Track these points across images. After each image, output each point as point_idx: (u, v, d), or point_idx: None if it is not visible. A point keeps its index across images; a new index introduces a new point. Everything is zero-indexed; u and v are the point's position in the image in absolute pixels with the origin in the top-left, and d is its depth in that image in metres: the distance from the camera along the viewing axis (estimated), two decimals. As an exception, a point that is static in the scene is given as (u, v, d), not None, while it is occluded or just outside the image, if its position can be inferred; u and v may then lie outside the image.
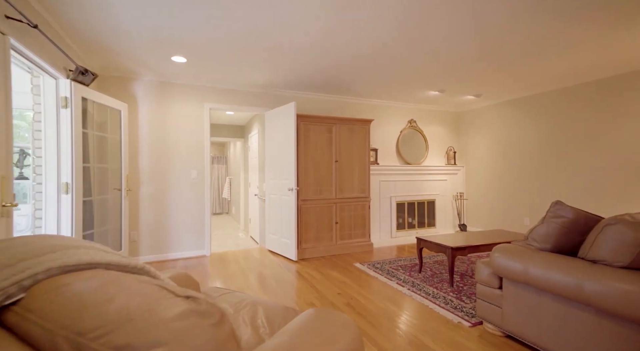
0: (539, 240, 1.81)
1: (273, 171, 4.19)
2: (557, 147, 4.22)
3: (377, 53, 3.05)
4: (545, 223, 1.79)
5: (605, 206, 3.73)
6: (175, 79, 3.76)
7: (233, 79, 3.86)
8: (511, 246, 1.92)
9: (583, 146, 3.94)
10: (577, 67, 3.52)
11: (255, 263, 3.69)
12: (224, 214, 8.95)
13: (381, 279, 3.09)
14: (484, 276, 2.09)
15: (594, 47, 2.93)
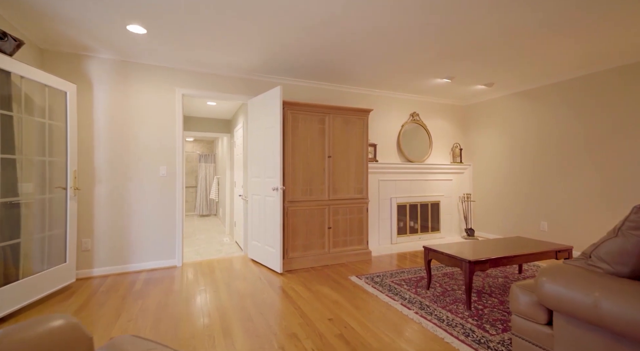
0: (610, 260, 1.27)
1: (256, 168, 3.63)
2: (581, 141, 3.71)
3: (378, 30, 2.51)
4: (622, 237, 1.25)
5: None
6: (140, 58, 3.19)
7: (210, 61, 3.30)
8: (566, 267, 1.38)
9: (612, 139, 3.43)
10: (610, 47, 3.00)
11: (233, 275, 3.13)
12: (211, 216, 8.37)
13: (382, 299, 2.54)
14: (522, 306, 1.54)
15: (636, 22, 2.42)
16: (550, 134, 4.04)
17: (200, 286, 2.81)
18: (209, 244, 4.80)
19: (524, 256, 2.52)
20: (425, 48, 3.01)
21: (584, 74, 3.68)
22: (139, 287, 2.74)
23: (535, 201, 4.22)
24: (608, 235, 1.31)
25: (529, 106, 4.30)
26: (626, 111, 3.34)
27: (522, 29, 2.62)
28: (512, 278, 3.02)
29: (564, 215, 3.89)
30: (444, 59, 3.29)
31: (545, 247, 2.69)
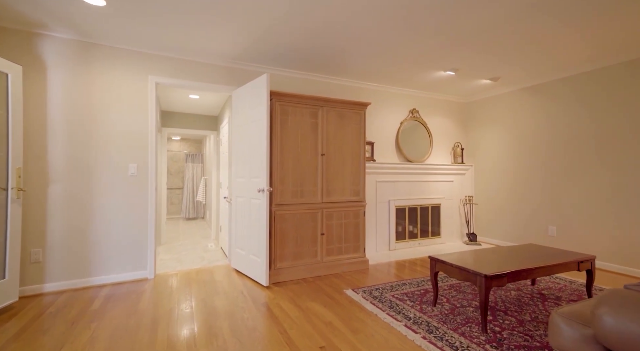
0: (701, 288, 0.93)
1: (241, 167, 3.25)
2: (593, 140, 3.43)
3: (378, 9, 2.17)
4: None
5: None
6: (105, 39, 2.79)
7: (188, 45, 2.92)
8: (635, 295, 1.04)
9: (627, 138, 3.15)
10: (623, 39, 2.72)
11: (212, 290, 2.74)
12: (198, 219, 7.93)
13: (383, 319, 2.18)
14: (568, 341, 1.20)
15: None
16: (560, 133, 3.76)
17: (172, 304, 2.41)
18: (192, 250, 4.39)
19: (545, 269, 2.19)
20: (430, 32, 2.68)
21: (596, 68, 3.40)
22: (97, 306, 2.33)
23: (543, 204, 3.93)
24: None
25: (537, 102, 4.01)
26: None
27: (528, 12, 2.31)
28: (525, 291, 2.70)
29: (574, 220, 3.60)
30: (448, 46, 2.97)
31: (566, 257, 2.37)
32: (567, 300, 2.51)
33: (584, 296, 2.60)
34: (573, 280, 2.99)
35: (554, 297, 2.56)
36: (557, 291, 2.70)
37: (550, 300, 2.50)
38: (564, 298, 2.54)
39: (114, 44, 2.86)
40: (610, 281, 2.97)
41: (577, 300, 2.50)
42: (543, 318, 2.19)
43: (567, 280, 2.99)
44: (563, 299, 2.53)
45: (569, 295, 2.61)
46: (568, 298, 2.55)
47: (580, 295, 2.61)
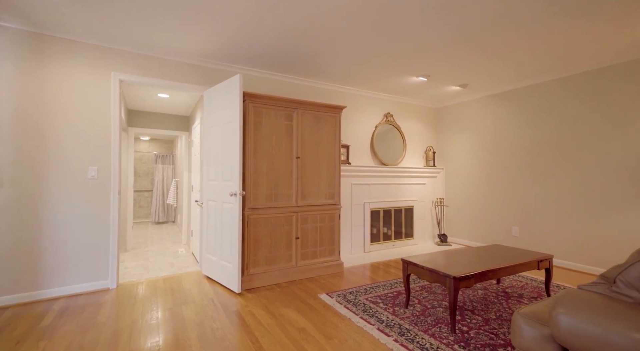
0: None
1: (212, 170, 3.14)
2: (555, 146, 3.67)
3: (353, 12, 2.18)
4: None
5: (612, 217, 3.19)
6: (60, 31, 2.59)
7: (155, 42, 2.78)
8: (588, 296, 1.11)
9: (586, 145, 3.40)
10: (580, 50, 2.94)
11: (180, 298, 2.61)
12: (169, 223, 7.59)
13: (356, 323, 2.18)
14: (526, 341, 1.26)
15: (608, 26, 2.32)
16: (523, 139, 3.99)
17: (135, 316, 2.27)
18: (160, 256, 4.18)
19: (508, 268, 2.30)
20: (401, 38, 2.74)
21: (556, 77, 3.65)
22: (48, 322, 2.14)
23: (507, 206, 4.15)
24: (639, 255, 1.06)
25: (503, 109, 4.24)
26: (597, 115, 3.32)
27: (493, 24, 2.43)
28: (491, 290, 2.82)
29: (535, 221, 3.83)
30: (419, 53, 3.06)
31: (527, 257, 2.50)
32: (529, 297, 2.66)
33: (543, 293, 2.76)
34: (534, 278, 3.17)
35: (516, 295, 2.70)
36: (519, 289, 2.85)
37: (513, 298, 2.63)
38: (526, 296, 2.68)
39: (72, 36, 2.66)
40: (567, 278, 3.18)
41: (537, 297, 2.65)
42: (507, 316, 2.29)
43: (529, 278, 3.17)
44: (525, 296, 2.67)
45: (530, 293, 2.76)
46: (529, 295, 2.70)
47: (540, 292, 2.77)
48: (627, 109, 3.10)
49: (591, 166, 3.35)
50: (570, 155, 3.52)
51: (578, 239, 3.44)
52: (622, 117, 3.13)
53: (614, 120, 3.19)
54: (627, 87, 3.10)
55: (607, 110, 3.24)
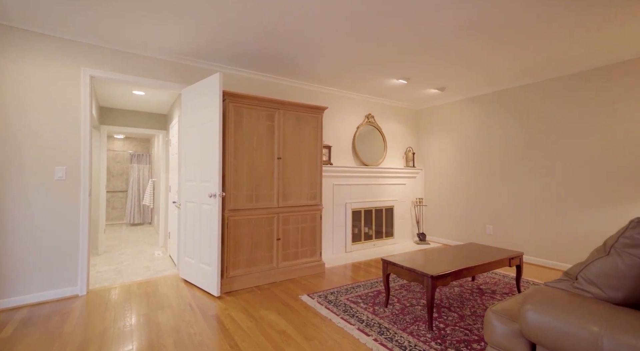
0: (602, 284, 1.08)
1: (191, 171, 3.06)
2: (525, 149, 3.86)
3: (337, 13, 2.19)
4: (615, 256, 1.07)
5: (576, 215, 3.39)
6: (23, 22, 2.43)
7: (130, 37, 2.67)
8: (554, 293, 1.17)
9: (553, 148, 3.60)
10: (552, 58, 3.11)
11: (156, 303, 2.52)
12: (145, 224, 7.32)
13: (337, 323, 2.19)
14: (499, 337, 1.31)
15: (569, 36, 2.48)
16: (496, 140, 4.16)
17: (107, 323, 2.17)
18: (135, 260, 4.02)
19: (482, 266, 2.40)
20: (381, 41, 2.79)
21: (524, 83, 3.83)
22: (8, 333, 2.00)
23: (482, 205, 4.31)
24: (598, 253, 1.13)
25: (478, 112, 4.40)
26: (562, 120, 3.52)
27: (461, 33, 2.53)
28: (466, 287, 2.93)
29: (507, 219, 4.01)
30: (399, 56, 3.12)
31: (500, 255, 2.62)
32: (501, 293, 2.78)
33: (515, 289, 2.90)
34: (506, 274, 3.32)
35: (490, 291, 2.81)
36: (492, 285, 2.98)
37: (487, 294, 2.73)
38: (498, 292, 2.80)
39: (37, 29, 2.50)
40: (536, 274, 3.35)
41: (509, 293, 2.78)
42: (481, 312, 2.38)
43: (501, 275, 3.31)
44: (497, 293, 2.78)
45: (502, 289, 2.88)
46: (501, 291, 2.82)
47: (512, 289, 2.90)
48: (588, 115, 3.31)
49: (557, 168, 3.55)
50: (538, 157, 3.71)
51: (546, 237, 3.63)
52: (584, 122, 3.34)
53: (576, 125, 3.40)
54: (587, 93, 3.31)
55: (570, 115, 3.44)
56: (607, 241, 1.12)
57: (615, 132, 3.14)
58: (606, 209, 3.19)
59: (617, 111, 3.13)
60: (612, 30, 2.53)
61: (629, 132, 3.05)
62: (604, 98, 3.21)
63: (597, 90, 3.26)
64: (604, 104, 3.22)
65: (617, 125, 3.13)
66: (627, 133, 3.07)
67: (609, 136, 3.18)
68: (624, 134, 3.09)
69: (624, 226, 1.07)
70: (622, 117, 3.10)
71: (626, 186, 3.07)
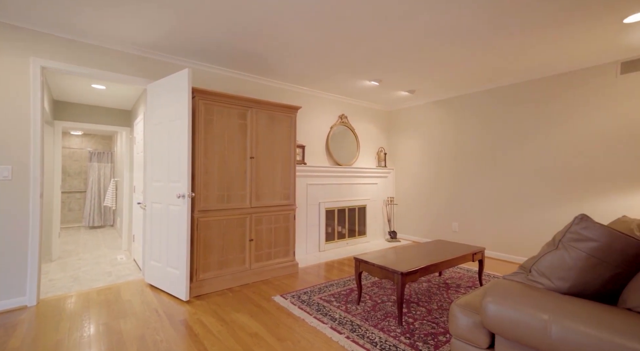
0: (550, 275, 1.18)
1: (158, 170, 2.91)
2: (489, 149, 4.10)
3: (304, 15, 2.19)
4: (563, 250, 1.17)
5: (530, 212, 3.67)
6: (-35, 7, 2.18)
7: (88, 25, 2.48)
8: (510, 285, 1.26)
9: (515, 148, 3.86)
10: (509, 66, 3.34)
11: (118, 311, 2.38)
12: (106, 227, 6.86)
13: (310, 323, 2.20)
14: (462, 329, 1.39)
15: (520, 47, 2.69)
16: (461, 142, 4.39)
17: (60, 335, 2.01)
18: (95, 265, 3.76)
19: (448, 262, 2.52)
20: (354, 43, 2.83)
21: (487, 89, 4.08)
22: (-57, 351, 1.79)
23: (448, 203, 4.53)
24: (548, 247, 1.23)
25: (445, 114, 4.61)
26: (520, 124, 3.79)
27: (431, 39, 2.65)
28: (434, 282, 3.06)
29: (471, 217, 4.25)
30: (371, 58, 3.19)
31: (464, 250, 2.76)
32: (465, 287, 2.94)
33: (477, 282, 3.07)
34: (469, 269, 3.52)
35: (455, 285, 2.96)
36: (457, 279, 3.14)
37: (452, 288, 2.88)
38: (463, 286, 2.96)
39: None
40: (497, 268, 3.58)
41: (472, 287, 2.95)
42: (446, 305, 2.50)
43: (465, 269, 3.50)
44: (462, 286, 2.94)
45: (466, 283, 3.05)
46: (466, 285, 2.98)
47: (475, 282, 3.08)
48: (542, 121, 3.59)
49: (516, 169, 3.82)
50: (499, 159, 3.97)
51: (505, 232, 3.90)
52: (539, 127, 3.62)
53: (532, 129, 3.68)
54: (541, 100, 3.59)
55: (527, 120, 3.71)
56: (556, 236, 1.22)
57: (565, 138, 3.44)
58: (557, 206, 3.48)
59: (566, 118, 3.43)
60: (556, 45, 2.77)
61: (576, 138, 3.36)
62: (556, 105, 3.50)
63: (549, 97, 3.55)
64: (555, 111, 3.51)
65: (566, 131, 3.43)
66: (575, 139, 3.37)
67: (559, 141, 3.48)
68: (571, 139, 3.39)
69: (570, 222, 1.17)
70: (570, 124, 3.40)
71: (573, 186, 3.37)
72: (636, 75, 2.97)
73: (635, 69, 2.97)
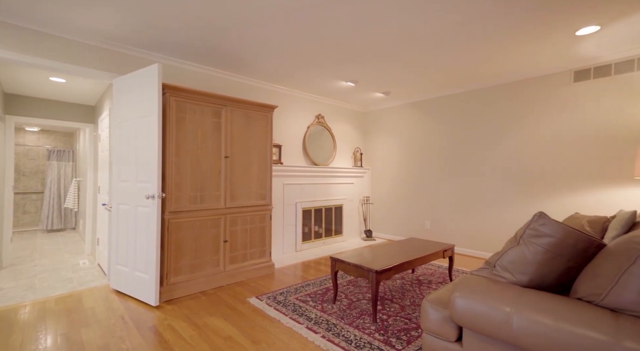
0: (513, 269, 1.26)
1: (125, 170, 2.76)
2: (459, 150, 4.29)
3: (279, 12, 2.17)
4: (523, 246, 1.25)
5: (495, 210, 3.89)
6: None
7: (45, 13, 2.30)
8: (476, 280, 1.32)
9: (482, 149, 4.07)
10: (475, 71, 3.52)
11: (79, 320, 2.22)
12: (67, 230, 6.40)
13: (285, 324, 2.19)
14: (432, 323, 1.44)
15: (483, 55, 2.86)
16: (433, 143, 4.56)
17: (11, 349, 1.85)
18: (53, 271, 3.49)
19: (421, 259, 2.60)
20: (331, 45, 2.85)
21: (457, 92, 4.27)
22: None
23: (421, 202, 4.69)
24: (510, 243, 1.31)
25: (417, 116, 4.77)
26: (486, 126, 4.00)
27: (404, 42, 2.74)
28: (407, 279, 3.15)
29: (442, 215, 4.43)
30: (347, 59, 3.23)
31: (435, 248, 2.87)
32: (436, 282, 3.05)
33: (447, 278, 3.21)
34: (440, 265, 3.66)
35: (427, 282, 3.07)
36: (429, 275, 3.26)
37: (424, 285, 2.98)
38: (434, 281, 3.08)
39: None
40: (466, 264, 3.75)
41: (443, 282, 3.07)
42: (419, 301, 2.59)
43: (437, 265, 3.64)
44: (433, 282, 3.06)
45: (437, 278, 3.17)
46: (437, 281, 3.10)
47: (446, 278, 3.21)
48: (507, 124, 3.82)
49: (482, 169, 4.03)
50: (468, 159, 4.17)
51: (474, 229, 4.10)
52: (503, 130, 3.84)
53: (497, 131, 3.90)
54: (504, 104, 3.82)
55: (492, 123, 3.93)
56: (518, 233, 1.30)
57: (524, 141, 3.68)
58: (519, 204, 3.71)
59: (526, 122, 3.67)
60: (517, 53, 2.96)
61: (535, 141, 3.60)
62: (517, 110, 3.73)
63: (511, 102, 3.78)
64: (516, 115, 3.74)
65: (525, 134, 3.67)
66: (533, 142, 3.61)
67: (520, 143, 3.71)
68: (530, 142, 3.63)
69: (530, 220, 1.25)
70: (529, 128, 3.64)
71: (532, 186, 3.61)
72: (587, 83, 3.24)
73: (587, 78, 3.24)
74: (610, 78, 3.10)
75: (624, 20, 2.38)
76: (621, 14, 2.30)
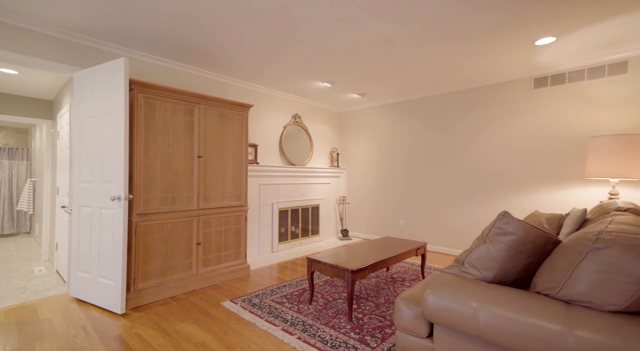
0: (479, 266, 1.32)
1: (88, 170, 2.59)
2: (431, 151, 4.45)
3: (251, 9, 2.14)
4: (489, 243, 1.31)
5: (465, 209, 4.08)
6: None
7: (3, 2, 2.10)
8: (446, 277, 1.38)
9: (452, 150, 4.24)
10: (448, 76, 3.68)
11: (33, 333, 2.05)
12: (21, 234, 5.89)
13: (261, 326, 2.15)
14: (405, 321, 1.48)
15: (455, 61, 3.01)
16: (406, 144, 4.70)
17: (-44, 367, 1.67)
18: (4, 280, 3.20)
19: (395, 258, 2.67)
20: (307, 44, 2.85)
21: (430, 95, 4.43)
22: None
23: (395, 201, 4.82)
24: (478, 241, 1.38)
25: (391, 117, 4.89)
26: (457, 128, 4.19)
27: (379, 45, 2.81)
28: (382, 277, 3.22)
29: (416, 214, 4.58)
30: (324, 60, 3.24)
31: (408, 246, 2.96)
32: (410, 280, 3.15)
33: (420, 275, 3.32)
34: (413, 263, 3.78)
35: (401, 279, 3.16)
36: (403, 273, 3.35)
37: (398, 282, 3.06)
38: (407, 279, 3.17)
39: None
40: (438, 261, 3.90)
41: (416, 279, 3.17)
42: (393, 299, 2.66)
43: (410, 263, 3.75)
44: (407, 280, 3.15)
45: (410, 276, 3.27)
46: (410, 278, 3.20)
47: (418, 275, 3.32)
48: (478, 126, 4.02)
49: (453, 170, 4.21)
50: (439, 160, 4.34)
51: (445, 228, 4.27)
52: (472, 131, 4.04)
53: (467, 133, 4.09)
54: (472, 107, 4.02)
55: (463, 125, 4.12)
56: (484, 231, 1.37)
57: (489, 143, 3.89)
58: (485, 203, 3.92)
59: (490, 125, 3.88)
60: (482, 60, 3.12)
61: (498, 143, 3.82)
62: (482, 114, 3.94)
63: (477, 106, 3.98)
64: (481, 119, 3.94)
65: (489, 137, 3.88)
66: (497, 144, 3.83)
67: (485, 145, 3.92)
68: (494, 144, 3.85)
69: (495, 218, 1.33)
70: (493, 131, 3.86)
71: (497, 186, 3.83)
72: (546, 90, 3.48)
73: (544, 85, 3.48)
74: (565, 86, 3.36)
75: (576, 33, 2.58)
76: (574, 27, 2.49)
